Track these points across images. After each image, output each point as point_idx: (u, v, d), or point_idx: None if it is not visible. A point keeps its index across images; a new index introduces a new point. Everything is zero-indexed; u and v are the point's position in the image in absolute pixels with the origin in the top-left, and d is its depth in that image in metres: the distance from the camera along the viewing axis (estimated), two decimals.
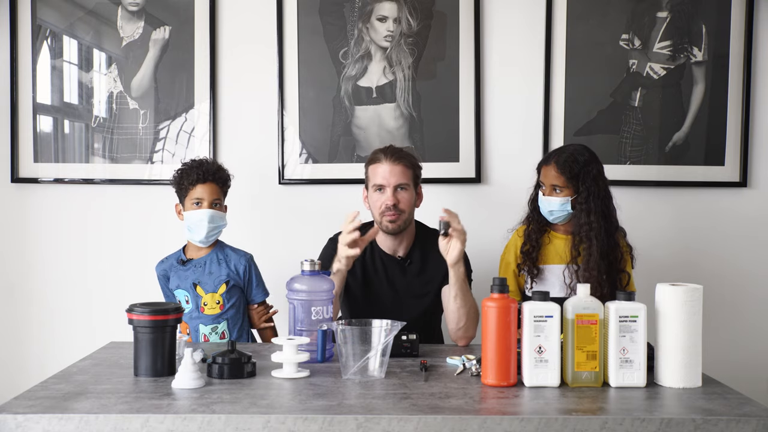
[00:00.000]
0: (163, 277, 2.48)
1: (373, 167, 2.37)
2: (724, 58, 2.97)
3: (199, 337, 2.40)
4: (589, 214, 2.37)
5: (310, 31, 2.97)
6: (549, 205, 2.42)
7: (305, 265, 2.05)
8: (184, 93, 2.99)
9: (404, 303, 2.38)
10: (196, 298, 2.40)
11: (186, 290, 2.41)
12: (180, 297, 2.42)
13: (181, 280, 2.42)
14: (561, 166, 2.39)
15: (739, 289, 3.02)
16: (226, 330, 2.42)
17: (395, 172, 2.34)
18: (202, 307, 2.40)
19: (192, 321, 2.41)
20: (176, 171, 2.45)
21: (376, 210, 2.36)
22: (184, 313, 2.36)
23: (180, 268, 2.44)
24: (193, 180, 2.39)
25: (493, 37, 2.98)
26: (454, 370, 1.92)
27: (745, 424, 1.53)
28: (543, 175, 2.45)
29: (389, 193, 2.33)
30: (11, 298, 3.04)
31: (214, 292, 2.41)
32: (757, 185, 3.01)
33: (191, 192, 2.39)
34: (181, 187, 2.41)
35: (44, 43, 3.01)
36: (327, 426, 1.53)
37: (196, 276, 2.42)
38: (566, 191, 2.40)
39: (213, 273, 2.42)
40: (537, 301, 1.78)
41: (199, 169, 2.40)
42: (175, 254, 2.50)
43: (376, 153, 2.40)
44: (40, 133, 3.01)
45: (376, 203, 2.36)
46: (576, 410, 1.58)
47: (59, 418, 1.54)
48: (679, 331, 1.76)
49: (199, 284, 2.41)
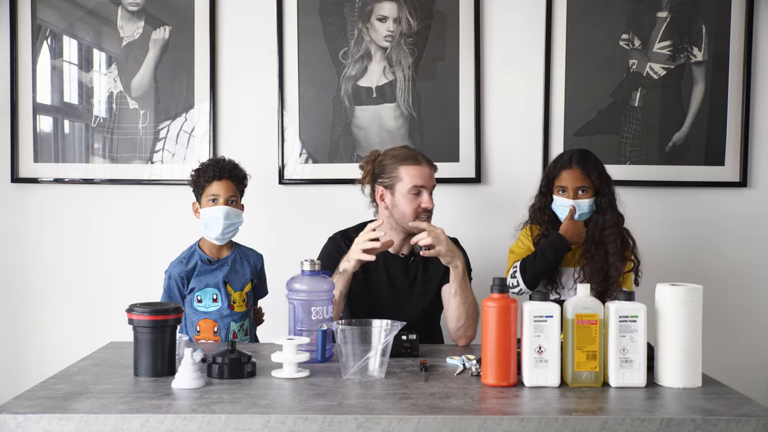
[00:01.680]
0: (180, 278, 2.42)
1: (412, 168, 2.34)
2: (724, 58, 2.98)
3: (229, 334, 2.40)
4: (613, 210, 2.48)
5: (310, 31, 2.98)
6: (579, 208, 2.46)
7: (305, 265, 2.05)
8: (184, 93, 2.99)
9: (404, 302, 2.38)
10: (227, 296, 2.41)
11: (216, 288, 2.40)
12: (207, 295, 2.40)
13: (210, 278, 2.41)
14: (585, 168, 2.47)
15: (739, 289, 3.03)
16: (249, 327, 2.46)
17: (432, 175, 2.37)
18: (232, 305, 2.41)
19: (223, 319, 2.40)
20: (194, 170, 2.46)
21: (409, 210, 2.34)
22: (212, 311, 2.38)
23: (208, 267, 2.42)
24: (210, 177, 2.39)
25: (493, 37, 2.99)
26: (454, 370, 1.92)
27: (745, 424, 1.53)
28: (563, 180, 2.48)
29: (428, 197, 2.34)
30: (11, 298, 3.04)
31: (242, 290, 2.43)
32: (757, 185, 3.01)
33: (207, 189, 2.39)
34: (198, 184, 2.41)
35: (44, 43, 3.01)
36: (327, 426, 1.53)
37: (225, 274, 2.42)
38: (590, 191, 2.47)
39: (239, 272, 2.44)
40: (537, 301, 1.78)
41: (215, 167, 2.41)
42: (190, 255, 2.45)
43: (413, 154, 2.39)
44: (40, 133, 3.01)
45: (410, 204, 2.34)
46: (576, 410, 1.58)
47: (59, 418, 1.54)
48: (679, 331, 1.76)
49: (229, 283, 2.42)
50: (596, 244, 2.46)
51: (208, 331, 2.39)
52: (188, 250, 2.46)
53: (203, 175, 2.40)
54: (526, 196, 2.63)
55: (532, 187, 2.92)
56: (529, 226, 2.57)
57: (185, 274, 2.41)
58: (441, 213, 2.44)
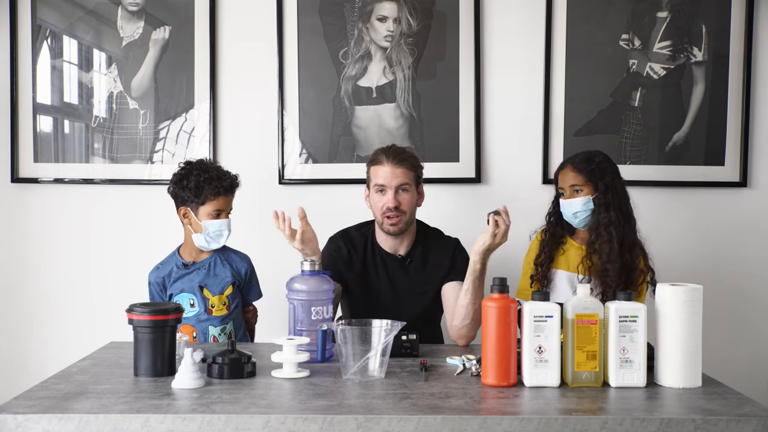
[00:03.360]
0: (157, 284, 2.44)
1: (375, 168, 2.37)
2: (724, 58, 2.97)
3: (208, 338, 2.39)
4: (608, 209, 2.38)
5: (310, 31, 2.97)
6: (572, 207, 2.42)
7: (305, 265, 2.05)
8: (184, 93, 2.99)
9: (404, 302, 2.38)
10: (204, 300, 2.40)
11: (192, 293, 2.40)
12: (183, 301, 2.40)
13: (185, 283, 2.41)
14: (577, 165, 2.42)
15: (739, 289, 3.03)
16: (232, 330, 2.43)
17: (397, 173, 2.33)
18: (210, 309, 2.40)
19: (201, 324, 2.40)
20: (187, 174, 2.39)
21: (377, 211, 2.36)
22: (189, 317, 2.37)
23: (183, 272, 2.42)
24: (218, 192, 2.37)
25: (493, 37, 2.98)
26: (454, 370, 1.92)
27: (745, 424, 1.53)
28: (561, 181, 2.46)
29: (390, 195, 2.33)
30: (11, 298, 3.04)
31: (221, 293, 2.41)
32: (757, 185, 3.01)
33: (212, 203, 2.37)
34: (199, 195, 2.37)
35: (44, 43, 3.01)
36: (327, 426, 1.53)
37: (201, 278, 2.41)
38: (586, 190, 2.41)
39: (219, 275, 2.42)
40: (537, 301, 1.78)
41: (220, 182, 2.38)
42: (168, 260, 2.47)
43: (378, 153, 2.40)
44: (40, 133, 3.01)
45: (377, 204, 2.36)
46: (576, 410, 1.58)
47: (59, 418, 1.54)
48: (679, 331, 1.76)
49: (205, 287, 2.40)
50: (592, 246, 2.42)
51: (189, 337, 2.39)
52: (168, 256, 2.48)
53: (209, 187, 2.37)
54: (526, 196, 2.63)
55: (532, 187, 2.93)
56: (540, 232, 2.56)
57: (161, 279, 2.43)
58: (441, 213, 2.45)
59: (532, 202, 2.72)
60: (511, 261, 2.53)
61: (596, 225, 2.40)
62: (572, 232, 2.50)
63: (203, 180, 2.38)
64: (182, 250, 2.47)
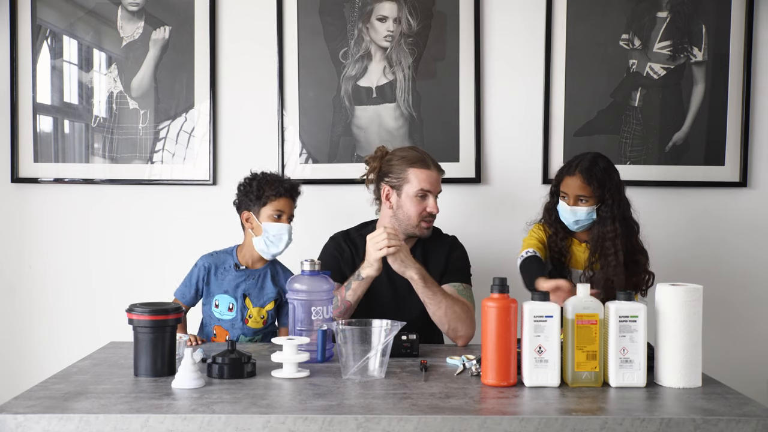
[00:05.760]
0: (204, 268, 2.41)
1: (419, 171, 2.35)
2: (724, 58, 2.97)
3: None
4: (614, 221, 2.39)
5: (310, 31, 2.97)
6: (575, 215, 2.43)
7: (305, 265, 2.05)
8: (184, 93, 2.99)
9: (404, 302, 2.38)
10: (244, 309, 2.38)
11: (234, 298, 2.38)
12: (223, 301, 2.38)
13: (230, 285, 2.39)
14: (587, 177, 2.40)
15: (739, 289, 3.03)
16: None
17: (439, 180, 2.38)
18: (247, 319, 2.39)
19: (234, 329, 2.38)
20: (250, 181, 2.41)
21: (414, 213, 2.35)
22: (225, 320, 2.36)
23: (233, 273, 2.40)
24: (279, 192, 2.37)
25: (493, 37, 2.98)
26: (454, 370, 1.92)
27: (745, 424, 1.54)
28: (566, 186, 2.45)
29: (433, 201, 2.35)
30: (11, 298, 3.04)
31: (262, 307, 2.40)
32: (757, 185, 3.01)
33: (273, 203, 2.37)
34: (261, 196, 2.37)
35: (44, 43, 3.01)
36: (327, 426, 1.53)
37: (248, 287, 2.39)
38: (591, 201, 2.41)
39: (265, 288, 2.40)
40: (537, 301, 1.78)
41: (281, 183, 2.39)
42: (225, 254, 2.44)
43: (423, 157, 2.38)
44: (40, 133, 3.01)
45: (416, 207, 2.35)
46: (576, 410, 1.58)
47: (59, 418, 1.54)
48: (679, 331, 1.76)
49: (249, 296, 2.39)
50: (597, 255, 2.43)
51: (221, 338, 2.38)
52: (225, 249, 2.45)
53: (270, 188, 2.37)
54: (526, 196, 2.63)
55: (532, 187, 2.93)
56: (535, 226, 2.56)
57: (210, 266, 2.40)
58: (441, 213, 2.44)
59: (532, 202, 2.71)
60: (511, 261, 2.53)
61: (601, 238, 2.41)
62: (571, 231, 2.51)
63: (265, 182, 2.39)
64: (239, 252, 2.45)
